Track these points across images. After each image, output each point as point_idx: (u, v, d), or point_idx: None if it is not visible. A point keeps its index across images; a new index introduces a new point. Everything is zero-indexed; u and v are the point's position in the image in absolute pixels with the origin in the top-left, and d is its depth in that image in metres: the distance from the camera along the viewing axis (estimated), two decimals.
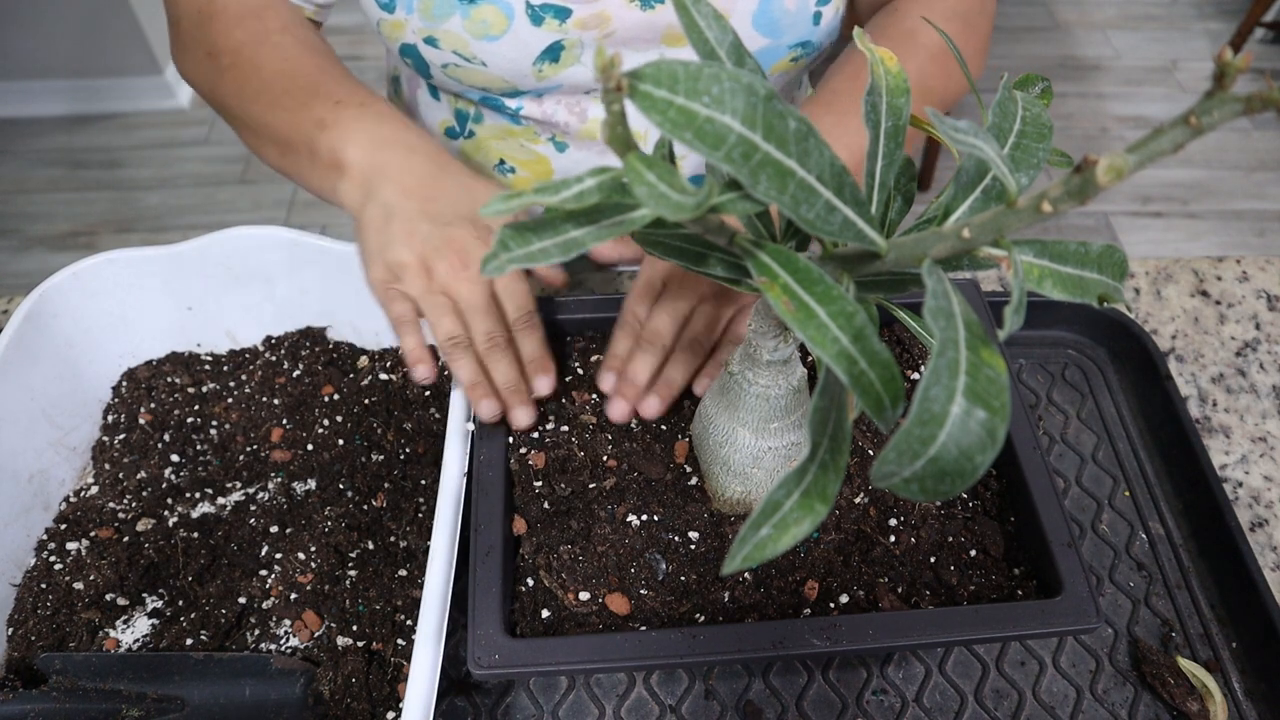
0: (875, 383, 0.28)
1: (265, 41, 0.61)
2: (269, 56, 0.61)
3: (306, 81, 0.59)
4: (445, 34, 0.65)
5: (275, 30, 0.62)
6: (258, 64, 0.60)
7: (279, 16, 0.63)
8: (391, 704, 0.52)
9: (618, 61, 0.23)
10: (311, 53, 0.62)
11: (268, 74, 0.60)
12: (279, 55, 0.61)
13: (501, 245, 0.28)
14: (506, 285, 0.54)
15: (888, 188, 0.36)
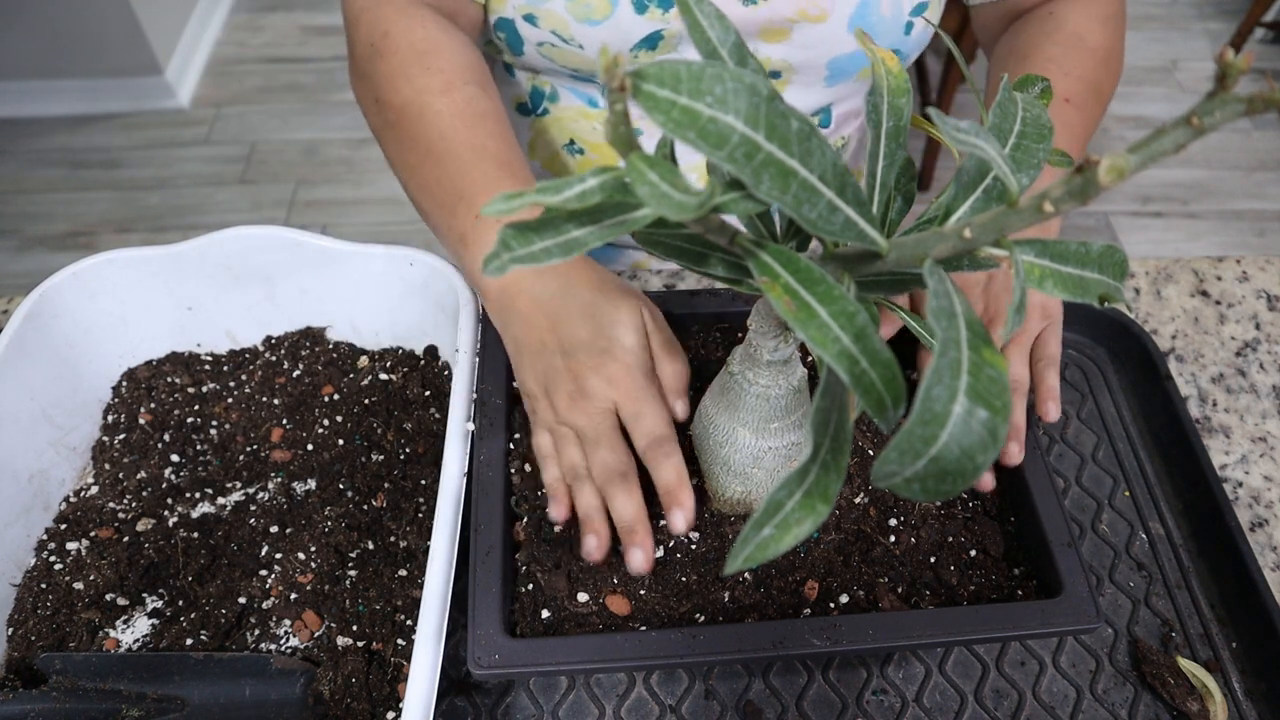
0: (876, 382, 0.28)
1: (426, 109, 0.59)
2: (426, 130, 0.58)
3: (455, 174, 0.57)
4: (546, 13, 0.65)
5: (438, 90, 0.59)
6: (415, 135, 0.59)
7: (447, 68, 0.60)
8: (391, 704, 0.52)
9: (621, 61, 0.23)
10: (469, 126, 0.58)
11: (422, 151, 0.58)
12: (435, 130, 0.58)
13: (503, 245, 0.28)
14: (631, 410, 0.51)
15: (888, 188, 0.36)
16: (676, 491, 0.48)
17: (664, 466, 0.49)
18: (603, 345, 0.51)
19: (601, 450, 0.50)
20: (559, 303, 0.53)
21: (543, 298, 0.53)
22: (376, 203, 2.10)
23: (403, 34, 0.61)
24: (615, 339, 0.52)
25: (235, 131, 2.33)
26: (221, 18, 2.63)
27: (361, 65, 0.63)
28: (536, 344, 0.52)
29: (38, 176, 2.21)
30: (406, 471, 0.63)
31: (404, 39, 0.61)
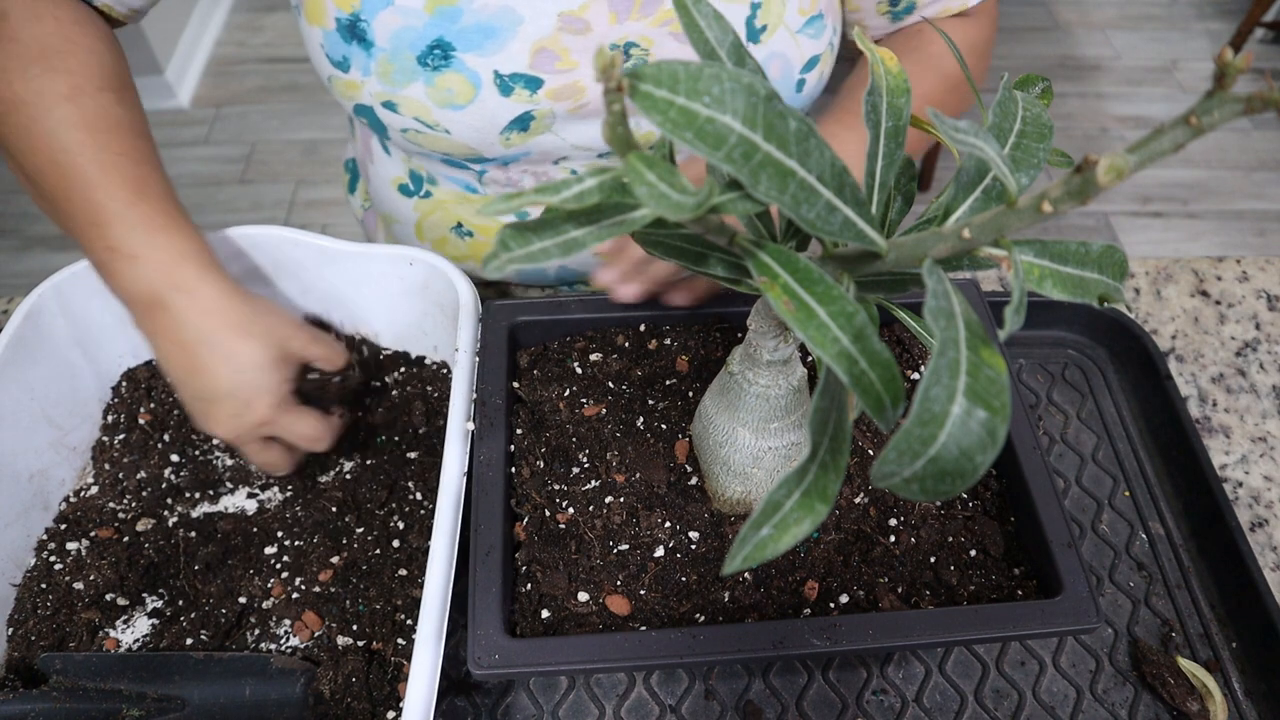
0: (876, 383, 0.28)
1: (48, 113, 0.53)
2: (46, 138, 0.53)
3: (82, 196, 0.53)
4: (406, 100, 0.63)
5: (62, 95, 0.53)
6: (33, 140, 0.53)
7: (75, 69, 0.55)
8: (391, 704, 0.52)
9: (618, 61, 0.23)
10: (97, 141, 0.54)
11: (43, 159, 0.53)
12: (58, 141, 0.53)
13: (502, 245, 0.28)
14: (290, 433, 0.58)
15: (888, 188, 0.36)
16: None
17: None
18: (240, 394, 0.55)
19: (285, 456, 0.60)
20: (186, 359, 0.54)
21: (172, 346, 0.54)
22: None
23: (26, 23, 0.55)
24: (247, 383, 0.54)
25: (235, 131, 2.33)
26: (221, 18, 2.64)
27: None
28: (184, 394, 0.56)
29: None
30: (406, 471, 0.63)
31: (26, 29, 0.55)
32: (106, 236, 0.53)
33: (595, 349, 0.62)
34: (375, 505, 0.61)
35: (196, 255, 0.54)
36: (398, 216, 0.80)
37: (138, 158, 0.55)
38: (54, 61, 0.54)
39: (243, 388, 0.54)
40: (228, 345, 0.54)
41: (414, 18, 0.60)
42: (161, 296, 0.53)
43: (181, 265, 0.54)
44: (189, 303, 0.53)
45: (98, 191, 0.53)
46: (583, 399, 0.59)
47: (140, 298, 0.54)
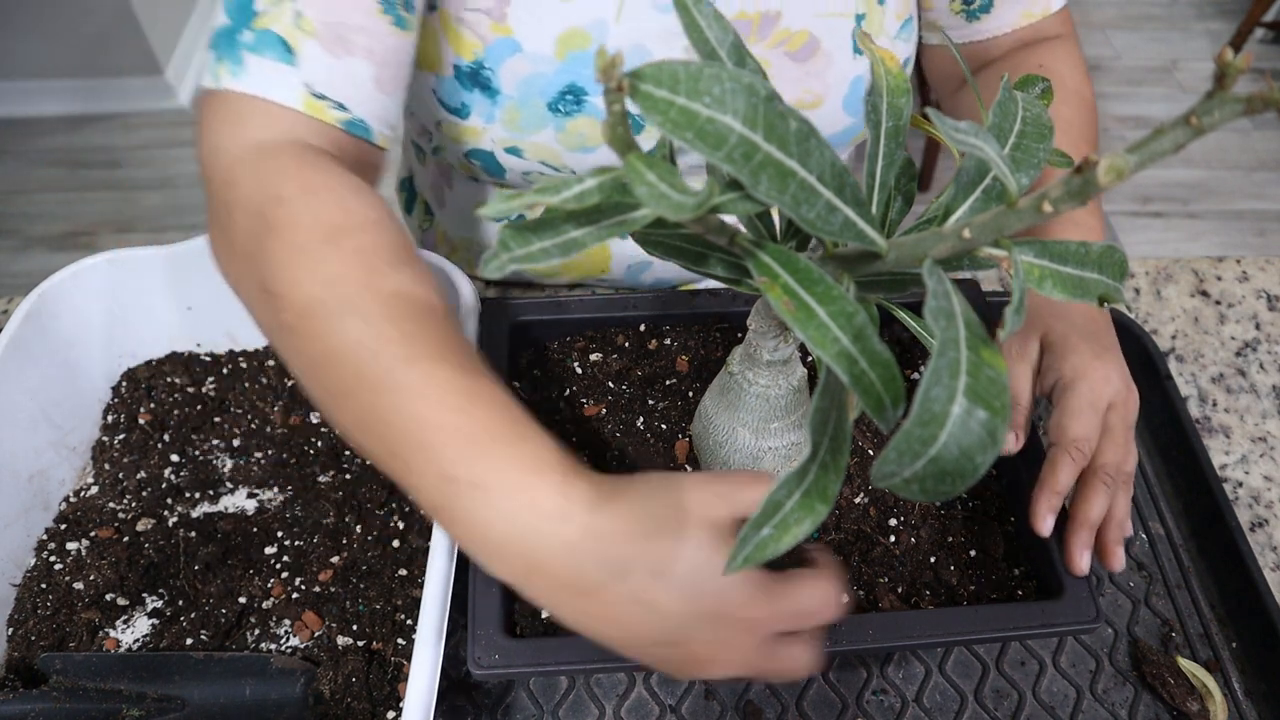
0: (876, 383, 0.28)
1: (350, 310, 0.41)
2: (353, 346, 0.41)
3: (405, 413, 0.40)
4: (533, 145, 0.62)
5: (360, 285, 0.42)
6: (333, 351, 0.41)
7: (368, 248, 0.44)
8: (392, 704, 0.52)
9: (619, 62, 0.23)
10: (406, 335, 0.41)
11: (350, 374, 0.41)
12: (367, 349, 0.41)
13: (502, 245, 0.28)
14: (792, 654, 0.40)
15: (888, 188, 0.36)
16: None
17: None
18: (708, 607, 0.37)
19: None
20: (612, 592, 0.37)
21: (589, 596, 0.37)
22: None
23: (302, 201, 0.45)
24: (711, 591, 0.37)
25: None
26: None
27: (240, 241, 0.46)
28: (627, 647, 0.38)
29: (38, 176, 2.21)
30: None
31: (306, 209, 0.45)
32: (445, 457, 0.39)
33: (595, 349, 0.62)
34: (375, 505, 0.61)
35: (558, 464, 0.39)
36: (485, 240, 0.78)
37: (454, 349, 0.42)
38: (342, 241, 0.44)
39: (709, 595, 0.37)
40: (651, 557, 0.37)
41: (544, 64, 0.59)
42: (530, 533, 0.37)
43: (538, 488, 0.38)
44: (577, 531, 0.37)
45: (423, 406, 0.40)
46: (583, 399, 0.59)
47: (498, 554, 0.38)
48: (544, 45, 0.59)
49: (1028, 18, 0.69)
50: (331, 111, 0.50)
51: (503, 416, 0.40)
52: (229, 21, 0.49)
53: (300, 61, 0.48)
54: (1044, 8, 0.69)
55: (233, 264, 0.48)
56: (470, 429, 0.39)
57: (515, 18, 0.58)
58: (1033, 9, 0.69)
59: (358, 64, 0.50)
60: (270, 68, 0.48)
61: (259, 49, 0.48)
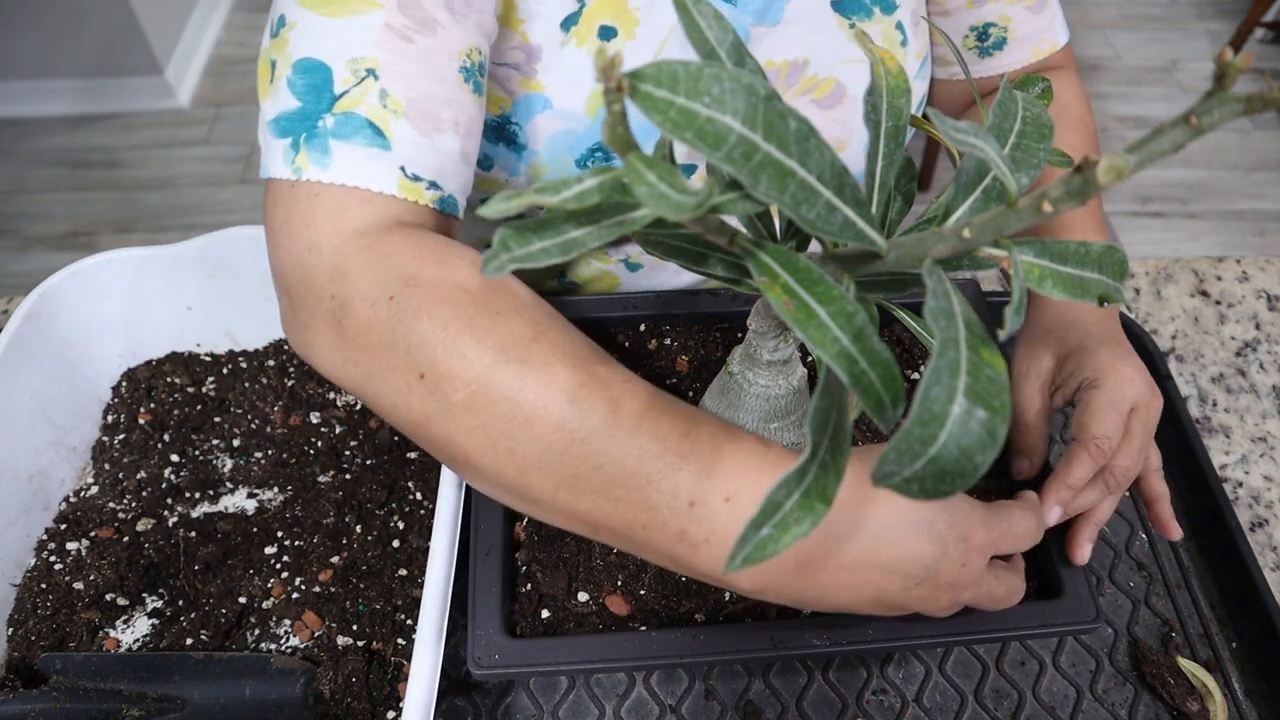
0: (876, 383, 0.28)
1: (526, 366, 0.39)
2: (544, 403, 0.39)
3: (623, 452, 0.38)
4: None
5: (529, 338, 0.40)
6: (523, 415, 0.39)
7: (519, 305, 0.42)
8: (391, 704, 0.52)
9: (619, 61, 0.23)
10: (598, 381, 0.40)
11: (548, 429, 0.39)
12: (558, 402, 0.39)
13: (502, 245, 0.28)
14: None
15: (888, 188, 0.36)
16: None
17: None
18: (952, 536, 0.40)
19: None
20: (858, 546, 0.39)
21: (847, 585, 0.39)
22: None
23: (438, 273, 0.42)
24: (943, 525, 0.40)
25: (235, 131, 2.33)
26: (221, 18, 2.63)
27: (369, 334, 0.42)
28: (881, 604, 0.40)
29: (38, 176, 2.21)
30: (406, 471, 0.63)
31: (445, 279, 0.42)
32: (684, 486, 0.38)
33: None
34: (375, 505, 0.61)
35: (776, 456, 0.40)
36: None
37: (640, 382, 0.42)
38: (495, 303, 0.42)
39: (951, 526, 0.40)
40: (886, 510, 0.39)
41: (574, 121, 0.58)
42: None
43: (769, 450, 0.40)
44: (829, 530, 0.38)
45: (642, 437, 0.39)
46: None
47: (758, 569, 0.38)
48: (575, 103, 0.58)
49: (1037, 54, 0.70)
50: (427, 192, 0.47)
51: (716, 426, 0.40)
52: (300, 104, 0.45)
53: (393, 144, 0.45)
54: (1052, 44, 0.69)
55: (359, 363, 0.43)
56: (692, 449, 0.39)
57: (545, 75, 0.57)
58: (1042, 46, 0.69)
59: (446, 139, 0.47)
60: (362, 154, 0.44)
61: (347, 135, 0.44)
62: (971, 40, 0.69)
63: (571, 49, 0.57)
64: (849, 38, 0.62)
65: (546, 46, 0.57)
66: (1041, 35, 0.68)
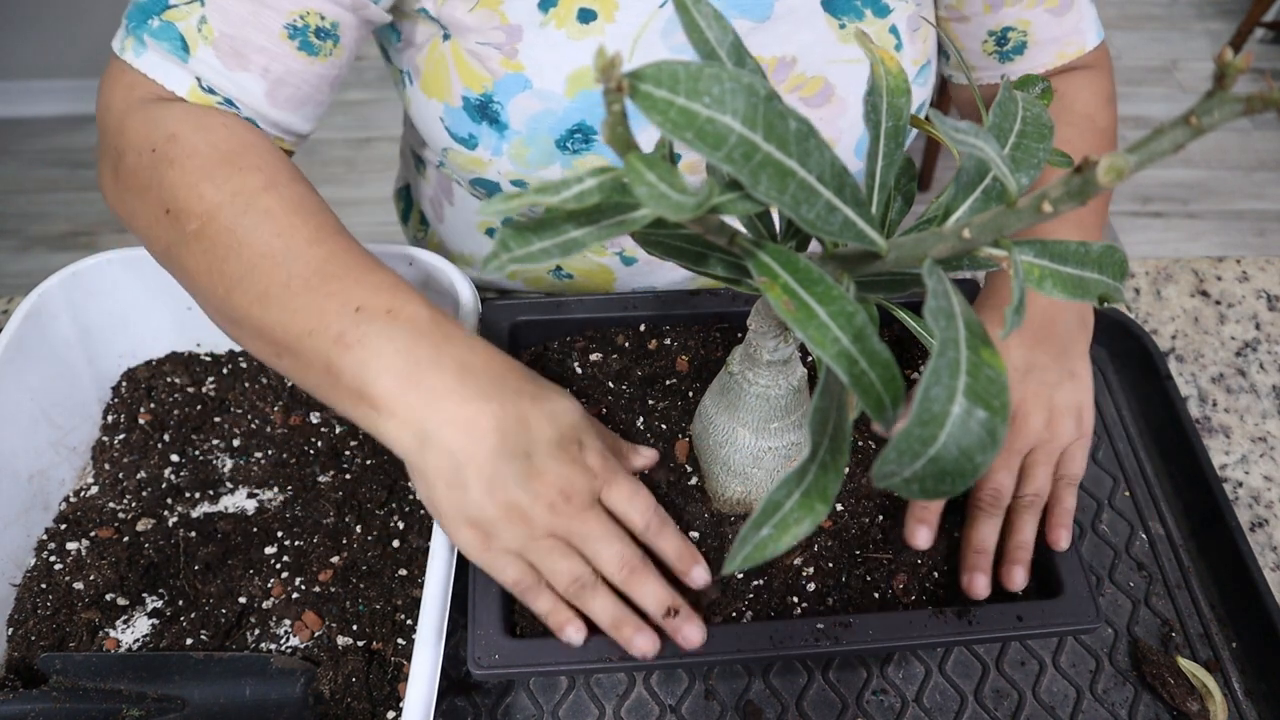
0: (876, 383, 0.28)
1: (251, 206, 0.47)
2: (254, 230, 0.47)
3: (309, 271, 0.46)
4: (539, 179, 0.63)
5: (259, 188, 0.48)
6: (237, 239, 0.47)
7: (263, 165, 0.50)
8: (391, 704, 0.52)
9: (619, 61, 0.23)
10: (309, 221, 0.48)
11: (252, 255, 0.46)
12: (268, 228, 0.47)
13: (502, 245, 0.28)
14: (624, 494, 0.46)
15: (888, 188, 0.36)
16: (688, 553, 0.47)
17: (668, 536, 0.46)
18: (571, 435, 0.45)
19: (611, 543, 0.44)
20: (499, 399, 0.44)
21: (474, 395, 0.43)
22: (376, 203, 2.10)
23: (195, 134, 0.50)
24: (578, 425, 0.46)
25: None
26: None
27: (137, 177, 0.50)
28: (486, 453, 0.42)
29: (38, 176, 2.21)
30: (407, 471, 0.63)
31: (200, 140, 0.50)
32: (351, 295, 0.45)
33: (595, 349, 0.62)
34: (375, 505, 0.61)
35: (449, 315, 0.47)
36: (478, 257, 0.79)
37: (351, 238, 0.50)
38: (239, 161, 0.49)
39: (568, 426, 0.45)
40: (536, 385, 0.46)
41: (554, 102, 0.59)
42: (434, 356, 0.44)
43: (445, 320, 0.46)
44: (470, 352, 0.45)
45: (329, 262, 0.46)
46: (583, 399, 0.59)
47: (405, 368, 0.43)
48: (554, 83, 0.59)
49: (1062, 58, 0.68)
50: (220, 106, 0.53)
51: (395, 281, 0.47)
52: (145, 2, 0.52)
53: (192, 61, 0.52)
54: (1079, 47, 0.68)
55: (125, 201, 0.52)
56: (372, 276, 0.46)
57: (526, 54, 0.58)
58: (1067, 50, 0.68)
59: (249, 79, 0.53)
60: (164, 57, 0.52)
61: (160, 37, 0.51)
62: (990, 45, 0.69)
63: (551, 30, 0.58)
64: (839, 38, 0.62)
65: (526, 27, 0.58)
66: (1067, 39, 0.67)
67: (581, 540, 0.44)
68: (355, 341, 0.44)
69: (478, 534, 0.44)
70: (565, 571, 0.44)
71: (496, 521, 0.43)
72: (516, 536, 0.43)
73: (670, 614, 0.44)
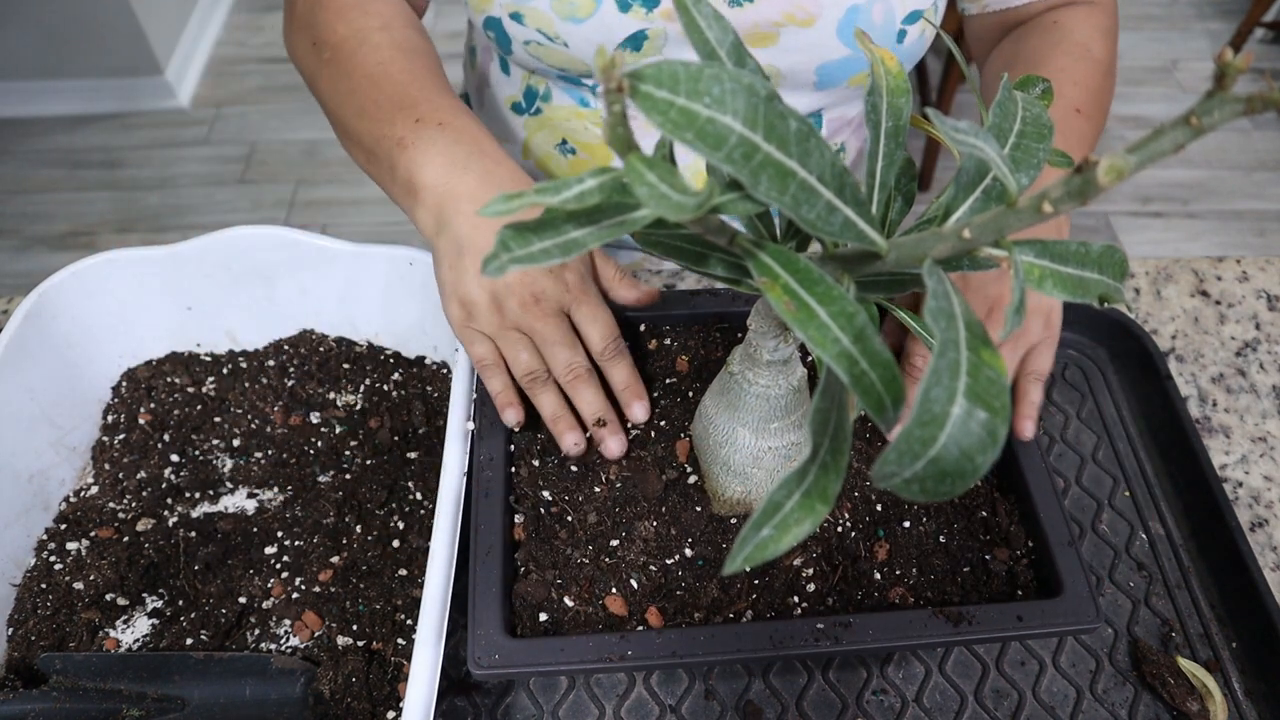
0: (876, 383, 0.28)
1: (365, 41, 0.60)
2: (364, 58, 0.59)
3: (394, 91, 0.57)
4: (531, 11, 0.67)
5: (376, 28, 0.61)
6: (352, 65, 0.60)
7: (385, 12, 0.63)
8: (391, 704, 0.52)
9: (618, 62, 0.23)
10: (406, 55, 0.60)
11: (359, 77, 0.59)
12: (374, 58, 0.59)
13: (502, 246, 0.28)
14: (588, 314, 0.54)
15: (888, 188, 0.36)
16: (634, 385, 0.54)
17: (620, 366, 0.54)
18: None
19: (564, 350, 0.53)
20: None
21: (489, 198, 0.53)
22: (376, 203, 2.10)
23: None
24: None
25: (235, 131, 2.33)
26: (221, 18, 2.63)
27: (302, 18, 0.64)
28: (484, 244, 0.52)
29: (38, 176, 2.21)
30: (406, 471, 0.63)
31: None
32: (417, 109, 0.56)
33: None
34: (375, 505, 0.61)
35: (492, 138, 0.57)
36: (508, 137, 0.84)
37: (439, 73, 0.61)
38: (368, 6, 0.62)
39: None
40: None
41: None
42: (467, 161, 0.54)
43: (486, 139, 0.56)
44: (498, 165, 0.55)
45: (410, 86, 0.57)
46: None
47: (444, 166, 0.54)
48: None
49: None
50: None
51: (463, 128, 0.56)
52: None
53: None
54: None
55: (291, 39, 0.66)
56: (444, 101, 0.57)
57: None
58: None
59: None
60: None
61: None
62: None
63: None
64: None
65: None
66: None
67: (541, 340, 0.52)
68: (410, 144, 0.55)
69: (462, 311, 0.53)
70: (524, 363, 0.52)
71: (477, 304, 0.52)
72: (490, 322, 0.52)
73: (599, 424, 0.52)
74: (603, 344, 0.54)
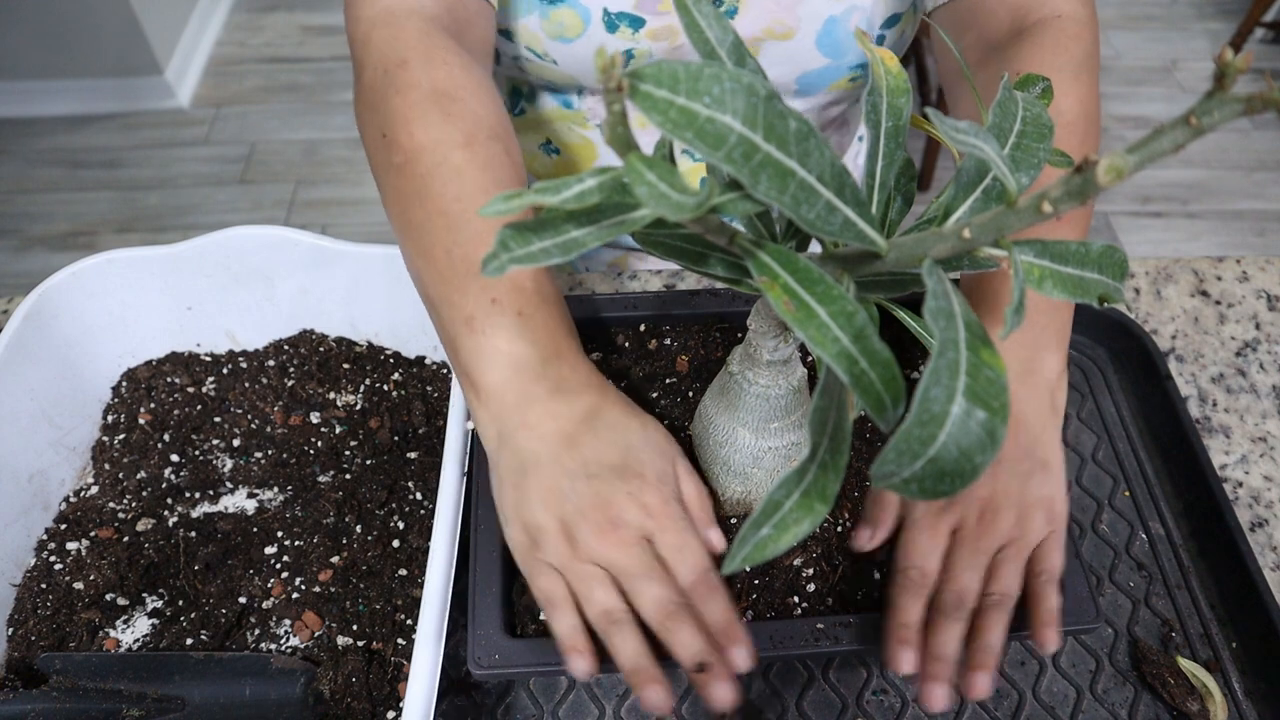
0: (876, 383, 0.28)
1: (444, 161, 0.50)
2: (442, 188, 0.50)
3: (471, 248, 0.49)
4: (521, 29, 0.67)
5: (459, 144, 0.51)
6: (426, 189, 0.50)
7: (470, 117, 0.52)
8: (391, 704, 0.52)
9: (618, 62, 0.23)
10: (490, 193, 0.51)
11: (434, 209, 0.50)
12: (453, 189, 0.50)
13: (502, 245, 0.28)
14: (673, 542, 0.44)
15: (888, 188, 0.36)
16: (733, 627, 0.43)
17: (715, 602, 0.43)
18: (636, 469, 0.45)
19: (652, 585, 0.43)
20: (581, 424, 0.46)
21: (562, 414, 0.46)
22: (376, 203, 2.10)
23: (422, 67, 0.53)
24: (648, 463, 0.46)
25: (235, 131, 2.33)
26: (221, 18, 2.64)
27: (371, 95, 0.54)
28: (551, 464, 0.45)
29: (38, 176, 2.21)
30: (406, 471, 0.63)
31: (424, 73, 0.53)
32: (492, 286, 0.48)
33: (595, 349, 0.62)
34: (375, 505, 0.61)
35: (574, 335, 0.51)
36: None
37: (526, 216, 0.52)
38: (450, 108, 0.52)
39: (636, 460, 0.46)
40: (622, 415, 0.47)
41: None
42: (538, 367, 0.47)
43: (565, 338, 0.49)
44: (573, 371, 0.48)
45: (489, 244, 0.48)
46: None
47: (510, 367, 0.47)
48: None
49: None
50: None
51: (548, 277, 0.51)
52: None
53: None
54: None
55: (361, 113, 0.56)
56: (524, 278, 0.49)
57: None
58: None
59: None
60: None
61: None
62: None
63: None
64: None
65: None
66: None
67: (621, 573, 0.43)
68: (479, 329, 0.47)
69: (527, 539, 0.45)
70: (599, 601, 0.43)
71: (545, 531, 0.44)
72: (559, 552, 0.44)
73: (699, 669, 0.41)
74: (691, 579, 0.43)
